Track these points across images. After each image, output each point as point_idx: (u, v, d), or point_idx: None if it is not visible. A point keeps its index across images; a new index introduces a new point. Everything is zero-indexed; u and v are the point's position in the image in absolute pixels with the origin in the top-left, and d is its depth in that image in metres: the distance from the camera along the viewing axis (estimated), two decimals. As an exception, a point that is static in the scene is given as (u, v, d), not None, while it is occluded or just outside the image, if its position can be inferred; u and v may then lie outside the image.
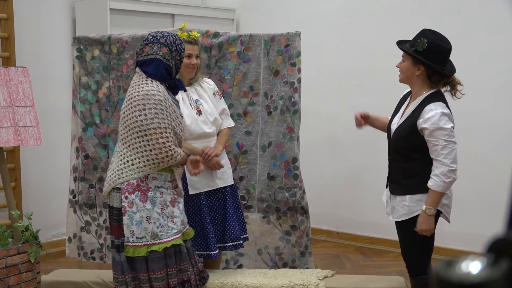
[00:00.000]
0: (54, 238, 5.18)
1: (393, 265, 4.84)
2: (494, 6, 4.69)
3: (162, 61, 3.08)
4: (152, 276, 3.10)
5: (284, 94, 4.09)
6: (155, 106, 3.00)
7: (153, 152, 3.02)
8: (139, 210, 3.05)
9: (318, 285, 3.56)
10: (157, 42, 3.11)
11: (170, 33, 3.19)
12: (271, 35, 4.09)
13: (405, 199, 3.08)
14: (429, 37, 3.01)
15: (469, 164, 4.73)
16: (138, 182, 3.06)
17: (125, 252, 3.09)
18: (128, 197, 3.06)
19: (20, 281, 3.73)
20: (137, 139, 3.04)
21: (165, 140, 3.01)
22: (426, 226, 2.99)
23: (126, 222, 3.07)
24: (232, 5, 6.15)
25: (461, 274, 0.65)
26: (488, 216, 4.60)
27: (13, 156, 4.84)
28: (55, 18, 5.18)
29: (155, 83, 3.07)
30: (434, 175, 2.96)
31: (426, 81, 3.05)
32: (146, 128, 3.00)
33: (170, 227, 3.12)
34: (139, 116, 3.01)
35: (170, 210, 3.14)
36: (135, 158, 3.05)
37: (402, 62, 3.11)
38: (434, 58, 2.99)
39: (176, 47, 3.13)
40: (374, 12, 5.31)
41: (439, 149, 2.93)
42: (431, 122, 2.93)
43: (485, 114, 4.77)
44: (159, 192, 3.10)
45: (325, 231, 5.70)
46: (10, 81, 3.88)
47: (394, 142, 3.15)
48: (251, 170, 4.15)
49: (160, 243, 3.08)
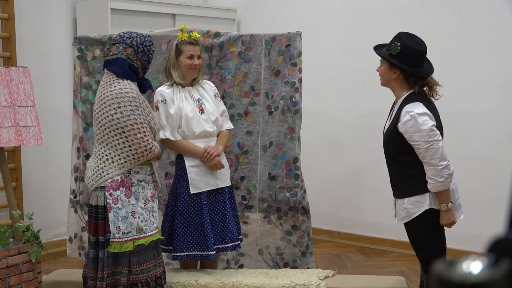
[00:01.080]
0: (55, 238, 5.18)
1: (394, 265, 4.83)
2: (495, 6, 4.69)
3: (127, 61, 3.18)
4: (134, 270, 3.18)
5: (285, 94, 4.09)
6: (129, 103, 3.11)
7: (132, 147, 3.13)
8: (124, 205, 3.14)
9: (319, 285, 3.56)
10: (122, 43, 3.21)
11: (140, 35, 3.27)
12: (272, 35, 4.10)
13: (404, 202, 3.09)
14: (403, 41, 3.02)
15: (470, 164, 4.73)
16: (122, 178, 3.16)
17: (110, 248, 3.15)
18: (113, 193, 3.14)
19: (21, 281, 3.73)
20: (114, 136, 3.14)
21: (142, 135, 3.13)
22: (447, 221, 3.05)
23: (111, 219, 3.14)
24: (233, 5, 6.15)
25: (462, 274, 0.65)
26: (489, 216, 4.59)
27: (14, 156, 4.84)
28: (56, 18, 5.18)
29: (126, 82, 3.17)
30: (429, 178, 2.98)
31: (404, 84, 3.07)
32: (123, 125, 3.11)
33: (152, 221, 3.23)
34: (115, 115, 3.11)
35: (151, 205, 3.25)
36: (114, 156, 3.15)
37: (380, 66, 3.15)
38: (409, 61, 3.00)
39: (143, 48, 3.22)
40: (375, 12, 5.31)
41: (423, 151, 2.94)
42: (409, 126, 2.94)
43: (486, 114, 4.77)
44: (141, 187, 3.21)
45: (326, 231, 5.70)
46: (11, 81, 3.89)
47: (384, 147, 3.19)
48: (252, 170, 4.15)
49: (146, 237, 3.19)
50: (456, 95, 4.68)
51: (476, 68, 4.80)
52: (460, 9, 4.87)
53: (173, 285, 3.57)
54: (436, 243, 3.14)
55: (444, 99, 3.28)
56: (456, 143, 4.55)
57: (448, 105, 3.94)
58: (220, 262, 4.20)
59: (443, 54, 4.78)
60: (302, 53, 4.08)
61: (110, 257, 3.18)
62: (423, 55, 3.04)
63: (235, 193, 4.16)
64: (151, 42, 3.29)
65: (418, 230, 3.09)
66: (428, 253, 3.16)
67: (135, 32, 3.29)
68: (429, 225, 3.07)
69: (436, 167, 2.93)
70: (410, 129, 2.93)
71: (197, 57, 3.61)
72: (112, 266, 3.19)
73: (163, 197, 4.19)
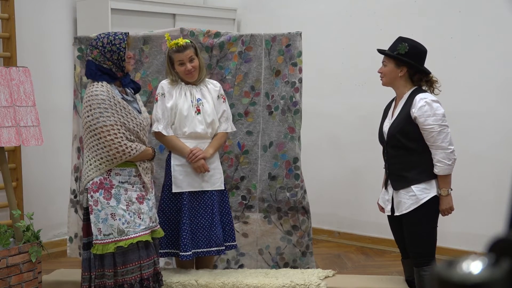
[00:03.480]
0: (55, 238, 5.17)
1: (394, 265, 4.83)
2: (495, 6, 4.69)
3: (94, 63, 3.18)
4: (118, 271, 3.17)
5: (285, 94, 4.09)
6: (99, 106, 3.12)
7: (104, 149, 3.14)
8: (104, 207, 3.15)
9: (319, 285, 3.56)
10: (90, 45, 3.24)
11: (110, 34, 3.24)
12: (272, 35, 4.10)
13: (411, 190, 3.23)
14: (409, 42, 3.27)
15: (470, 164, 4.73)
16: (101, 180, 3.17)
17: (93, 250, 3.18)
18: (93, 195, 3.16)
19: (21, 281, 3.73)
20: (90, 139, 3.17)
21: (113, 137, 3.12)
22: (446, 205, 3.22)
23: (93, 220, 3.17)
24: (233, 5, 6.15)
25: (462, 274, 0.65)
26: (489, 216, 4.59)
27: (14, 156, 4.84)
28: (56, 18, 5.18)
29: (100, 83, 3.17)
30: (437, 161, 3.17)
31: (408, 81, 3.30)
32: (94, 127, 3.13)
33: (137, 223, 3.20)
34: (87, 117, 3.14)
35: (136, 206, 3.21)
36: (92, 158, 3.18)
37: (384, 67, 3.35)
38: (416, 59, 3.25)
39: (111, 47, 3.18)
40: (375, 12, 5.31)
41: (436, 134, 3.15)
42: (424, 110, 3.15)
43: (486, 114, 4.77)
44: (123, 189, 3.19)
45: (326, 231, 5.70)
46: (11, 81, 3.89)
47: (390, 138, 3.30)
48: (252, 170, 4.15)
49: (127, 239, 3.17)
50: (456, 95, 4.68)
51: (476, 68, 4.80)
52: (460, 9, 4.87)
53: (173, 285, 3.57)
54: (432, 236, 3.30)
55: (444, 99, 3.32)
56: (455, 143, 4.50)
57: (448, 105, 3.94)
58: (220, 262, 4.20)
59: (443, 54, 4.78)
60: (302, 53, 4.08)
61: (97, 259, 3.19)
62: (426, 54, 3.30)
63: (235, 193, 4.16)
64: (122, 39, 3.19)
65: (423, 217, 3.23)
66: (424, 244, 3.28)
67: (106, 32, 3.28)
68: (433, 212, 3.24)
69: (446, 150, 3.15)
70: (425, 113, 3.15)
71: (189, 60, 3.55)
72: (99, 268, 3.20)
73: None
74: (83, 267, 3.27)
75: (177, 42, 3.58)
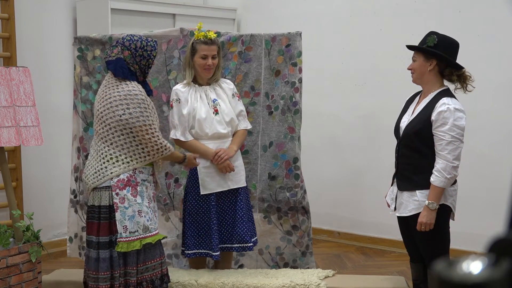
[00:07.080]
0: (55, 238, 5.17)
1: (394, 265, 4.83)
2: (495, 6, 4.69)
3: (124, 62, 3.20)
4: (140, 268, 3.20)
5: (285, 94, 4.09)
6: (139, 105, 3.15)
7: (138, 147, 3.17)
8: (131, 205, 3.16)
9: (319, 285, 3.56)
10: (121, 45, 3.23)
11: (143, 39, 3.26)
12: (272, 35, 4.10)
13: (415, 194, 3.13)
14: (438, 34, 3.13)
15: (470, 164, 4.72)
16: (128, 177, 3.18)
17: (118, 248, 3.16)
18: (119, 193, 3.15)
19: (21, 281, 3.73)
20: (121, 136, 3.16)
21: (150, 136, 3.17)
22: (428, 220, 3.05)
23: (118, 218, 3.15)
24: (233, 5, 6.15)
25: (462, 274, 0.65)
26: (489, 216, 4.60)
27: (14, 156, 4.84)
28: (56, 18, 5.18)
29: (134, 83, 3.20)
30: (436, 171, 3.01)
31: (438, 77, 3.15)
32: (132, 126, 3.14)
33: (155, 220, 3.27)
34: (122, 115, 3.13)
35: (153, 204, 3.29)
36: (120, 155, 3.17)
37: (413, 62, 3.19)
38: (446, 51, 3.09)
39: (142, 52, 3.22)
40: (375, 12, 5.31)
41: (444, 144, 2.99)
42: (443, 116, 3.00)
43: (486, 114, 4.77)
44: (145, 187, 3.23)
45: (326, 231, 5.70)
46: (11, 81, 3.89)
47: (405, 137, 3.18)
48: (252, 170, 4.15)
49: (152, 236, 3.22)
50: (455, 95, 4.67)
51: (476, 68, 4.79)
52: (460, 9, 4.87)
53: (173, 285, 3.57)
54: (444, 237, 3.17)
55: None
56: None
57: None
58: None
59: (443, 54, 4.77)
60: (302, 53, 4.08)
61: (121, 257, 3.19)
62: (458, 46, 3.14)
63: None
64: (153, 47, 3.26)
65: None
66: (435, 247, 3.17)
67: (138, 36, 3.29)
68: (440, 220, 3.09)
69: (449, 163, 2.99)
70: (443, 119, 3.00)
71: (212, 57, 3.59)
72: (123, 267, 3.20)
73: (163, 197, 4.19)
74: (101, 266, 3.19)
75: (206, 34, 3.58)
